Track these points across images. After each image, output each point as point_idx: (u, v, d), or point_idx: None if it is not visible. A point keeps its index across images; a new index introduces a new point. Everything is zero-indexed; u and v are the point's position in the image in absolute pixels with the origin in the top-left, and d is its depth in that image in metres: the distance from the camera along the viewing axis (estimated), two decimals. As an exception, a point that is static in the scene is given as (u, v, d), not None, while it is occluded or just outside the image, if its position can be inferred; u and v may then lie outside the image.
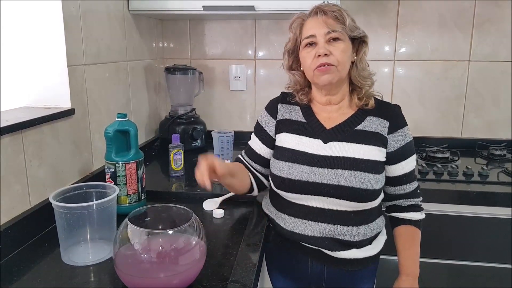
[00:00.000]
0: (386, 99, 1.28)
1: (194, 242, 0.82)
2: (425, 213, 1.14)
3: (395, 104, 1.13)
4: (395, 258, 1.13)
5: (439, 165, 1.64)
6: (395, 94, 1.98)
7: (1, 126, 0.95)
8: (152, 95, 1.93)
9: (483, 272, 1.49)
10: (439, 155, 1.77)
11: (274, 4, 1.55)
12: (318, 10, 1.05)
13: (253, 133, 1.22)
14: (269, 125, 1.17)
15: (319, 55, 1.03)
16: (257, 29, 1.98)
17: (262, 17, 1.92)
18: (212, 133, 1.67)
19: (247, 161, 1.21)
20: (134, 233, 0.80)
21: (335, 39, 1.03)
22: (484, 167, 1.60)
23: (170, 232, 0.81)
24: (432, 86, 1.95)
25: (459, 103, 1.95)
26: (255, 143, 1.19)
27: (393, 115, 1.09)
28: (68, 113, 1.20)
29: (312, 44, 1.05)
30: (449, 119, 1.97)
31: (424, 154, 1.81)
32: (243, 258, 0.92)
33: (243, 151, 1.26)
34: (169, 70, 1.88)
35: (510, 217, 1.43)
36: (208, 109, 2.08)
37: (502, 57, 1.88)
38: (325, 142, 1.07)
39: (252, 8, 1.56)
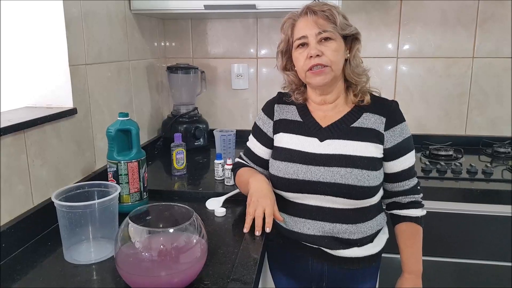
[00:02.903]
0: (389, 96, 1.28)
1: (195, 241, 0.83)
2: (429, 211, 1.14)
3: (392, 100, 1.12)
4: (398, 256, 1.13)
5: (442, 163, 1.63)
6: (398, 92, 1.97)
7: (4, 126, 0.95)
8: (154, 95, 1.93)
9: (487, 271, 1.48)
10: (443, 153, 1.76)
11: (275, 2, 1.55)
12: (308, 10, 1.05)
13: (251, 135, 1.22)
14: (267, 126, 1.17)
15: (311, 56, 1.02)
16: (259, 27, 1.97)
17: (263, 16, 1.92)
18: (214, 132, 1.67)
19: (248, 163, 1.22)
20: (135, 231, 0.81)
21: (327, 38, 1.03)
22: (488, 165, 1.59)
23: (171, 230, 0.81)
24: (435, 83, 1.94)
25: (463, 101, 1.94)
26: (254, 145, 1.20)
27: (390, 111, 1.08)
28: (70, 112, 1.20)
29: (304, 44, 1.05)
30: (452, 116, 1.96)
31: (427, 152, 1.80)
32: (244, 256, 0.92)
33: (241, 153, 1.26)
34: (171, 69, 1.89)
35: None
36: (210, 108, 2.09)
37: (505, 54, 1.86)
38: (321, 140, 1.07)
39: (253, 6, 1.56)
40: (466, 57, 1.89)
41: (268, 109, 1.19)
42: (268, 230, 1.00)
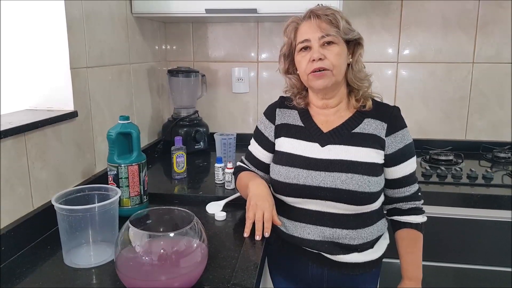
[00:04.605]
0: (390, 101, 1.28)
1: (195, 245, 0.82)
2: (429, 216, 1.13)
3: (394, 106, 1.12)
4: (398, 261, 1.12)
5: (442, 168, 1.63)
6: (399, 96, 1.97)
7: (5, 128, 0.95)
8: (155, 98, 1.93)
9: (487, 276, 1.48)
10: (443, 158, 1.76)
11: (277, 6, 1.55)
12: (311, 14, 1.05)
13: (252, 139, 1.22)
14: (268, 130, 1.17)
15: (314, 60, 1.02)
16: (260, 31, 1.98)
17: (264, 20, 1.92)
18: (214, 135, 1.67)
19: (249, 168, 1.22)
20: (136, 235, 0.80)
21: (330, 42, 1.03)
22: (488, 170, 1.59)
23: (172, 234, 0.81)
24: (435, 88, 1.94)
25: (463, 105, 1.94)
26: (256, 149, 1.20)
27: (391, 117, 1.08)
28: (71, 115, 1.20)
29: (306, 48, 1.05)
30: (453, 121, 1.96)
31: (427, 157, 1.80)
32: (245, 260, 0.92)
33: (243, 157, 1.26)
34: (172, 73, 1.89)
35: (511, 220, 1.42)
36: (211, 111, 2.09)
37: (506, 58, 1.86)
38: (323, 145, 1.07)
39: (254, 10, 1.56)
40: (466, 61, 1.89)
41: (269, 113, 1.19)
42: (266, 235, 1.01)
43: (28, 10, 1.16)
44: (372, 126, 1.07)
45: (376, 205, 1.07)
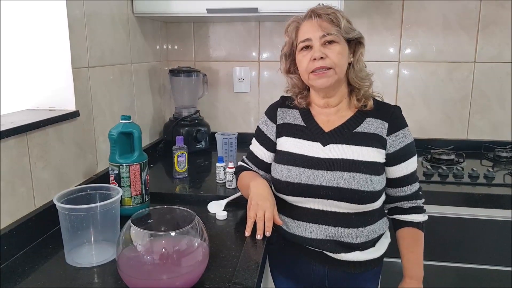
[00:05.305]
0: (391, 100, 1.28)
1: (196, 244, 0.82)
2: (430, 215, 1.13)
3: (395, 105, 1.12)
4: (400, 260, 1.12)
5: (444, 167, 1.63)
6: (400, 96, 1.97)
7: (7, 128, 0.95)
8: (157, 97, 1.93)
9: (488, 275, 1.48)
10: (444, 157, 1.76)
11: (278, 6, 1.56)
12: (312, 13, 1.05)
13: (254, 139, 1.22)
14: (270, 130, 1.17)
15: (315, 59, 1.03)
16: (261, 31, 1.98)
17: (265, 19, 1.92)
18: (216, 135, 1.68)
19: (250, 167, 1.22)
20: (137, 235, 0.80)
21: (331, 41, 1.03)
22: (490, 169, 1.59)
23: (173, 234, 0.82)
24: (437, 87, 1.94)
25: (464, 105, 1.94)
26: (257, 149, 1.20)
27: (392, 116, 1.08)
28: (73, 115, 1.20)
29: (307, 47, 1.05)
30: (454, 120, 1.96)
31: (429, 156, 1.80)
32: (246, 260, 0.92)
33: (244, 156, 1.26)
34: (173, 72, 1.89)
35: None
36: (212, 111, 2.09)
37: (507, 58, 1.86)
38: (324, 145, 1.07)
39: (255, 10, 1.57)
40: (468, 61, 1.89)
41: (271, 113, 1.19)
42: (268, 234, 1.01)
43: (30, 11, 1.16)
44: (373, 126, 1.07)
45: (378, 204, 1.07)
